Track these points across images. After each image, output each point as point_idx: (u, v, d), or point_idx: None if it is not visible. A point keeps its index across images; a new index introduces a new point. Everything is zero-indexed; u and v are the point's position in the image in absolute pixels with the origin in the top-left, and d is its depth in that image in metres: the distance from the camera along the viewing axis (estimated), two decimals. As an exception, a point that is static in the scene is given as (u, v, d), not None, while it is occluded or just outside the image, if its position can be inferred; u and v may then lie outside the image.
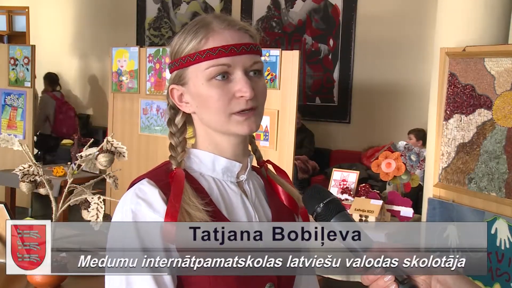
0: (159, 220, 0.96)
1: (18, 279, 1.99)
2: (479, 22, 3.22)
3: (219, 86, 1.01)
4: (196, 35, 1.03)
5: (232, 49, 1.01)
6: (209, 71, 1.01)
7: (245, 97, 1.01)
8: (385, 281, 0.88)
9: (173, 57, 1.07)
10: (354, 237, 0.93)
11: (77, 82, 9.13)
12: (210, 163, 1.07)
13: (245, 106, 1.02)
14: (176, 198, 0.97)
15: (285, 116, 4.18)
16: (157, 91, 4.90)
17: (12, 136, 1.80)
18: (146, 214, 0.98)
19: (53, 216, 1.78)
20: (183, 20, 7.93)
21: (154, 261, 0.96)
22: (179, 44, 1.05)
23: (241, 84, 1.01)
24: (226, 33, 1.02)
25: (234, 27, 1.04)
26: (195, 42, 1.02)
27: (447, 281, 0.88)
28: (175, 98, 1.07)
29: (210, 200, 1.02)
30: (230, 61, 1.01)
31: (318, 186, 1.00)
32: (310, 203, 0.97)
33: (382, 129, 6.50)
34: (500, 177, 2.87)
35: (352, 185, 3.55)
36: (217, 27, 1.03)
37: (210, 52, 1.01)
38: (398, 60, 6.37)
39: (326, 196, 0.96)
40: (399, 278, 0.88)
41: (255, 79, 1.04)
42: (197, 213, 0.97)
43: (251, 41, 1.05)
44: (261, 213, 1.10)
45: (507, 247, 2.77)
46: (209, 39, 1.02)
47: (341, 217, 0.94)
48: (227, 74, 1.02)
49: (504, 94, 2.86)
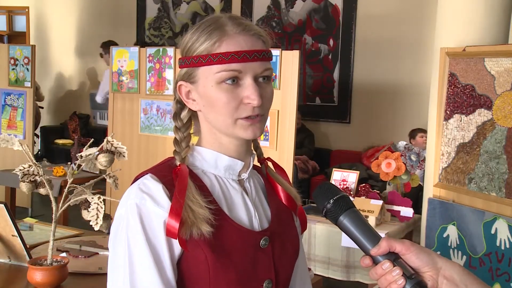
0: (164, 215, 0.97)
1: (18, 279, 1.99)
2: (479, 22, 3.22)
3: (228, 90, 1.02)
4: (210, 36, 1.03)
5: (244, 55, 1.02)
6: (220, 75, 1.02)
7: (253, 104, 1.02)
8: (393, 276, 0.88)
9: (185, 54, 1.07)
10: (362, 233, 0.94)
11: (77, 82, 9.13)
12: (213, 161, 1.08)
13: (252, 112, 1.03)
14: (180, 194, 0.98)
15: (285, 116, 4.18)
16: (157, 91, 4.90)
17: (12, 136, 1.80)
18: (150, 209, 0.98)
19: (53, 216, 1.78)
20: (183, 20, 7.93)
21: (157, 253, 0.97)
22: (191, 42, 1.05)
23: (249, 91, 1.02)
24: (240, 38, 1.03)
25: (249, 32, 1.04)
26: (208, 43, 1.03)
27: (454, 277, 0.88)
28: (182, 94, 1.08)
29: (213, 198, 1.03)
30: (241, 67, 1.02)
31: (328, 183, 1.01)
32: (320, 200, 0.98)
33: (382, 129, 6.50)
34: (500, 177, 2.87)
35: (352, 185, 3.55)
36: (231, 31, 1.03)
37: (222, 56, 1.01)
38: (398, 60, 6.37)
39: (336, 193, 0.97)
40: (406, 273, 0.88)
41: (264, 85, 1.05)
42: (200, 210, 0.98)
43: (263, 47, 1.05)
44: (260, 211, 1.11)
45: (507, 247, 2.77)
46: (223, 43, 1.02)
47: (351, 213, 0.96)
48: (237, 79, 1.02)
49: (504, 94, 2.86)
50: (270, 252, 1.07)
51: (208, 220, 0.98)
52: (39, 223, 2.74)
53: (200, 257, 0.98)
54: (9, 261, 2.10)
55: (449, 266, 0.89)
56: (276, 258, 1.08)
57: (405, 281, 0.88)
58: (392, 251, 0.90)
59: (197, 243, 0.98)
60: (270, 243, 1.07)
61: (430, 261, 0.89)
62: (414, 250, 0.89)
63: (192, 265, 0.99)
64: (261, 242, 1.06)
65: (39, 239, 2.41)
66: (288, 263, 1.13)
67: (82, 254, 2.21)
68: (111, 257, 1.01)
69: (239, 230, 1.04)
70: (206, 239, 0.98)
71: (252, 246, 1.05)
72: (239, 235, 1.03)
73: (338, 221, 0.96)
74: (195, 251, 0.98)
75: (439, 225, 3.21)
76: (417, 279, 0.88)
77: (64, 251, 2.19)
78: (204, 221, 0.98)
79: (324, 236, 3.21)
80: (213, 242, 0.99)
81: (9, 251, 2.07)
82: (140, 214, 0.98)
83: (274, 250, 1.08)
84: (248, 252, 1.04)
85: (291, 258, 1.14)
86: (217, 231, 1.00)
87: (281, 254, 1.10)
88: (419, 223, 3.49)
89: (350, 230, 0.95)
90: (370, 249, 0.92)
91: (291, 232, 1.16)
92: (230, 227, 1.03)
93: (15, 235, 2.00)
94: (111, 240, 1.02)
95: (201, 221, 0.98)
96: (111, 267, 1.00)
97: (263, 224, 1.09)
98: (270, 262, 1.07)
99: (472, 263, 2.98)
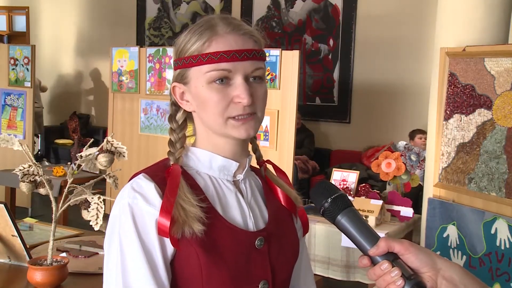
0: (155, 213, 0.97)
1: (18, 279, 1.99)
2: (479, 22, 3.22)
3: (219, 90, 1.02)
4: (201, 36, 1.03)
5: (234, 54, 1.01)
6: (210, 74, 1.02)
7: (243, 103, 1.02)
8: (391, 276, 0.87)
9: (178, 55, 1.08)
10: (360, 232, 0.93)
11: (77, 82, 9.13)
12: (207, 161, 1.08)
13: (242, 111, 1.03)
14: (171, 193, 0.98)
15: (285, 116, 4.18)
16: (157, 91, 4.90)
17: (12, 136, 1.80)
18: (142, 207, 0.98)
19: (53, 216, 1.78)
20: (183, 20, 7.93)
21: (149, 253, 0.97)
22: (184, 43, 1.06)
23: (239, 90, 1.02)
24: (229, 37, 1.03)
25: (239, 32, 1.04)
26: (199, 44, 1.03)
27: (453, 278, 0.88)
28: (176, 95, 1.09)
29: (205, 197, 1.03)
30: (231, 67, 1.02)
31: (325, 182, 1.01)
32: (317, 199, 0.98)
33: (382, 129, 6.50)
34: (500, 177, 2.87)
35: (352, 185, 3.55)
36: (221, 30, 1.03)
37: (212, 56, 1.01)
38: (398, 60, 6.37)
39: (334, 191, 0.97)
40: (405, 273, 0.88)
41: (255, 85, 1.04)
42: (191, 209, 0.98)
43: (255, 46, 1.05)
44: (256, 213, 1.10)
45: (507, 247, 2.77)
46: (212, 43, 1.02)
47: (348, 212, 0.95)
48: (227, 79, 1.02)
49: (504, 94, 2.86)
50: (266, 253, 1.07)
51: (200, 219, 0.98)
52: (39, 223, 2.74)
53: (192, 256, 0.98)
54: (9, 261, 2.10)
55: (448, 266, 0.89)
56: (273, 259, 1.08)
57: (404, 281, 0.87)
58: (391, 251, 0.90)
59: (189, 242, 0.98)
60: (266, 244, 1.07)
61: (429, 261, 0.89)
62: (413, 251, 0.89)
63: (185, 264, 0.99)
64: (256, 242, 1.06)
65: (39, 239, 2.42)
66: (286, 264, 1.13)
67: (82, 254, 2.21)
68: (105, 257, 1.01)
69: (232, 230, 1.03)
70: (198, 238, 0.98)
71: (246, 246, 1.04)
72: (232, 235, 1.03)
73: (336, 220, 0.95)
74: (187, 250, 0.98)
75: (439, 225, 3.21)
76: (416, 280, 0.88)
77: (64, 251, 2.19)
78: (195, 220, 0.98)
79: (324, 236, 3.21)
80: (205, 241, 0.98)
81: (9, 251, 2.07)
82: (132, 213, 0.98)
83: (271, 251, 1.08)
84: (242, 252, 1.04)
85: (290, 259, 1.14)
86: (209, 230, 0.99)
87: (278, 255, 1.09)
88: (419, 223, 3.49)
89: (348, 230, 0.94)
90: (369, 249, 0.91)
91: (290, 234, 1.15)
92: (223, 226, 1.02)
93: (15, 235, 2.00)
94: (106, 240, 1.02)
95: (193, 219, 0.97)
96: (106, 267, 1.01)
97: (259, 225, 1.09)
98: (266, 263, 1.07)
99: (472, 263, 2.98)
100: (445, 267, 0.89)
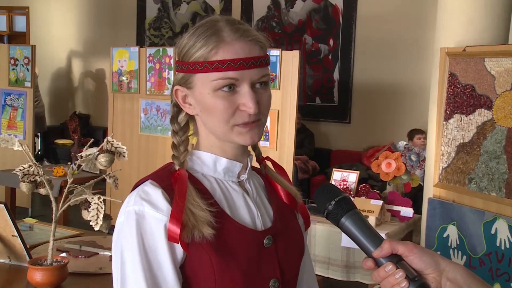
0: (164, 219, 0.97)
1: (18, 279, 1.99)
2: (479, 22, 3.22)
3: (225, 97, 1.01)
4: (207, 42, 1.02)
5: (241, 63, 1.00)
6: (217, 82, 1.01)
7: (249, 112, 1.01)
8: (396, 278, 0.88)
9: (181, 58, 1.06)
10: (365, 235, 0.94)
11: (77, 82, 9.13)
12: (212, 164, 1.08)
13: (248, 119, 1.02)
14: (180, 198, 0.97)
15: (285, 116, 4.18)
16: (157, 91, 4.90)
17: (12, 136, 1.80)
18: (149, 214, 0.98)
19: (53, 216, 1.78)
20: (183, 20, 7.93)
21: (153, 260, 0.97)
22: (188, 47, 1.04)
23: (246, 99, 1.01)
24: (237, 45, 1.01)
25: (246, 39, 1.03)
26: (205, 50, 1.01)
27: (458, 279, 0.88)
28: (179, 98, 1.08)
29: (215, 201, 1.03)
30: (238, 75, 1.01)
31: (328, 184, 1.01)
32: (321, 201, 0.98)
33: (382, 129, 6.50)
34: (500, 177, 2.87)
35: (352, 185, 3.55)
36: (228, 37, 1.01)
37: (219, 64, 1.00)
38: (398, 60, 6.37)
39: (337, 194, 0.97)
40: (409, 275, 0.88)
41: (261, 91, 1.04)
42: (201, 213, 0.98)
43: (261, 52, 1.04)
44: (263, 211, 1.11)
45: (507, 247, 2.77)
46: (220, 50, 1.01)
47: (352, 215, 0.95)
48: (233, 86, 1.02)
49: (504, 94, 2.86)
50: (274, 251, 1.07)
51: (210, 223, 0.98)
52: (39, 223, 2.74)
53: (204, 259, 0.98)
54: (9, 261, 2.10)
55: (452, 267, 0.89)
56: (281, 257, 1.08)
57: (408, 283, 0.87)
58: (394, 253, 0.90)
59: (200, 245, 0.98)
60: (273, 242, 1.08)
61: (433, 263, 0.89)
62: (417, 252, 0.89)
63: (197, 268, 0.99)
64: (265, 241, 1.06)
65: (39, 239, 2.42)
66: (293, 261, 1.13)
67: (82, 254, 2.21)
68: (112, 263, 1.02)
69: (242, 230, 1.04)
70: (208, 241, 0.98)
71: (255, 245, 1.05)
72: (242, 235, 1.03)
73: (340, 222, 0.95)
74: (199, 254, 0.98)
75: (439, 225, 3.21)
76: (420, 281, 0.88)
77: (64, 251, 2.19)
78: (205, 224, 0.97)
79: (324, 236, 3.21)
80: (216, 244, 0.98)
81: (9, 251, 2.07)
82: (137, 220, 0.98)
83: (278, 248, 1.08)
84: (252, 252, 1.04)
85: (296, 256, 1.14)
86: (220, 233, 0.99)
87: (285, 253, 1.10)
88: (419, 223, 3.49)
89: (352, 232, 0.94)
90: (373, 251, 0.91)
91: (294, 230, 1.16)
92: (233, 227, 1.03)
93: (15, 235, 2.00)
94: (112, 246, 1.03)
95: (203, 224, 0.97)
96: (113, 273, 1.02)
97: (266, 224, 1.09)
98: (275, 261, 1.07)
99: (472, 263, 2.98)
100: (449, 268, 0.89)
